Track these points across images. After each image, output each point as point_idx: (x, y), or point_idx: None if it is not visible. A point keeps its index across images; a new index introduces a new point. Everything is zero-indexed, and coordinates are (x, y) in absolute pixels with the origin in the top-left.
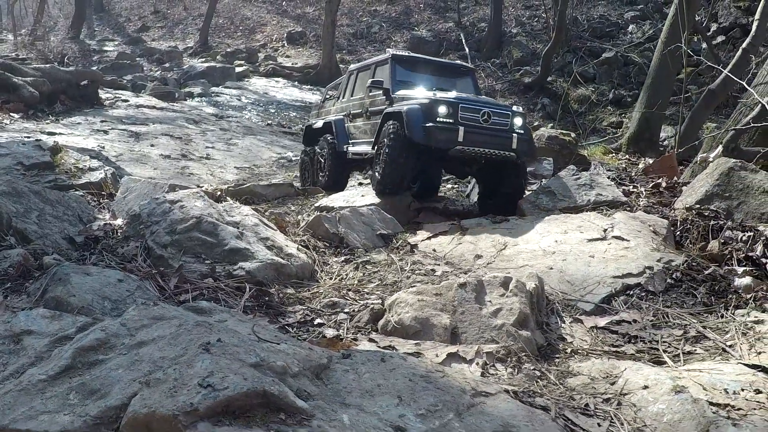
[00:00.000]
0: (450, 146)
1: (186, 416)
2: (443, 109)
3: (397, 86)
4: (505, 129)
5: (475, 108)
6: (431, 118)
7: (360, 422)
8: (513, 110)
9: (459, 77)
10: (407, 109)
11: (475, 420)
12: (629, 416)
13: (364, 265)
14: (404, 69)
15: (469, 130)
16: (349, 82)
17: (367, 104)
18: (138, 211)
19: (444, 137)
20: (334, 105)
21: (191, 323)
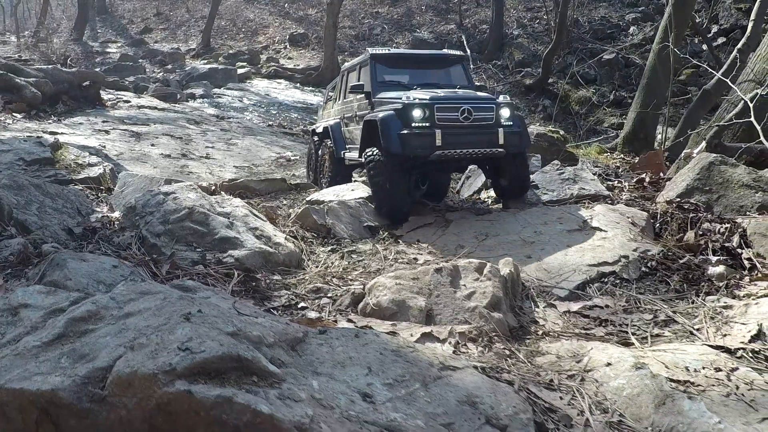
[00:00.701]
0: (428, 152)
1: (165, 375)
2: (417, 113)
3: (379, 88)
4: (490, 124)
5: (452, 106)
6: (407, 123)
7: (329, 388)
8: (498, 102)
9: (448, 67)
10: (382, 117)
11: (440, 390)
12: (591, 391)
13: (349, 254)
14: (386, 67)
15: (448, 132)
16: (343, 82)
17: (356, 108)
18: (134, 203)
19: (420, 143)
20: (332, 107)
21: (175, 297)
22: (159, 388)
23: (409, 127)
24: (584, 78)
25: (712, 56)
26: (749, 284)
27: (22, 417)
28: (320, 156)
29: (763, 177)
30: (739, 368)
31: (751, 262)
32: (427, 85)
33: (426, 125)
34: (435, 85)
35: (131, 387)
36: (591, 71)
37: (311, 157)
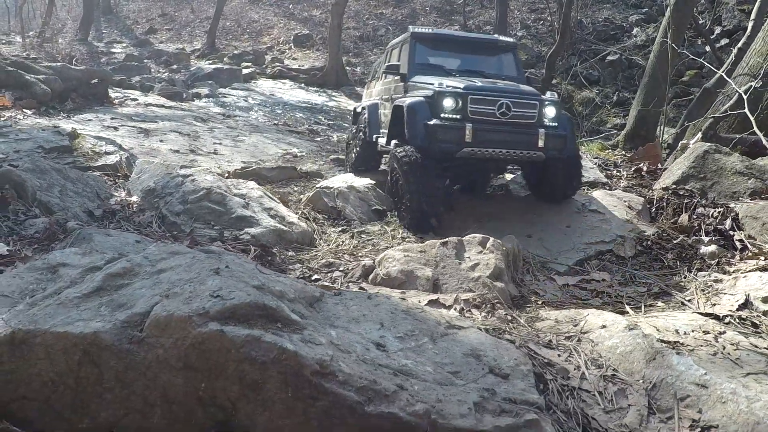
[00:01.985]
0: (455, 149)
1: (199, 317)
2: (449, 102)
3: (415, 71)
4: (531, 123)
5: (489, 98)
6: (436, 113)
7: (345, 337)
8: (542, 99)
9: (497, 55)
10: (409, 103)
11: (447, 344)
12: (587, 349)
13: (359, 234)
14: (427, 49)
15: (481, 127)
16: (384, 61)
17: (392, 90)
18: (153, 185)
19: (447, 137)
20: (374, 86)
21: (203, 256)
22: (194, 329)
23: (438, 117)
24: (588, 79)
25: (714, 57)
26: (740, 262)
27: (65, 359)
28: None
29: (755, 165)
30: (726, 332)
31: (743, 243)
32: (470, 72)
33: (456, 117)
34: (479, 74)
35: (168, 328)
36: (594, 72)
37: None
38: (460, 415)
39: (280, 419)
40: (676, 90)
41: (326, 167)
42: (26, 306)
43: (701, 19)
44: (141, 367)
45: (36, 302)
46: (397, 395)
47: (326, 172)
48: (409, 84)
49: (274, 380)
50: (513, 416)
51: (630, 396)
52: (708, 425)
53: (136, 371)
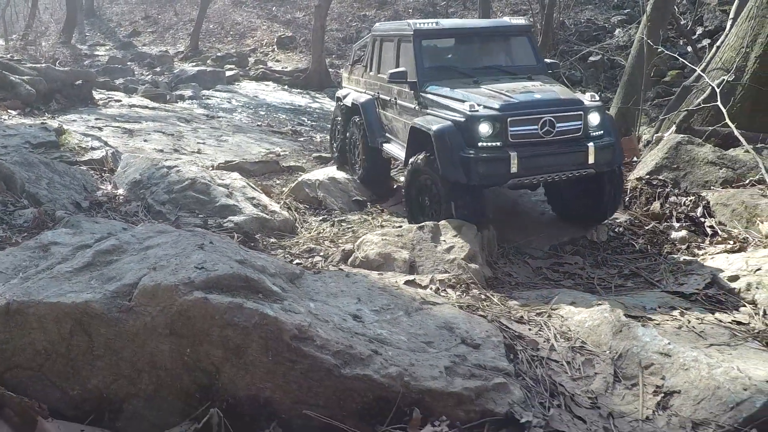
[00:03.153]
0: (501, 181)
1: (185, 286)
2: (485, 128)
3: (427, 78)
4: (578, 136)
5: (531, 116)
6: (471, 142)
7: (323, 309)
8: (585, 106)
9: (511, 41)
10: (437, 132)
11: (421, 318)
12: (557, 324)
13: (339, 222)
14: (434, 48)
15: (526, 153)
16: (374, 50)
17: (395, 92)
18: (139, 177)
19: (490, 170)
20: (362, 76)
21: (188, 234)
22: (179, 297)
23: (474, 147)
24: (570, 79)
25: (696, 57)
26: (709, 246)
27: (57, 328)
28: (349, 137)
29: (727, 155)
30: (692, 308)
31: (713, 229)
32: (489, 70)
33: (497, 145)
34: (498, 70)
35: (155, 297)
36: (576, 73)
37: (336, 129)
38: (431, 378)
39: (262, 382)
40: (658, 90)
41: (309, 165)
42: (20, 280)
43: (683, 19)
44: (129, 334)
45: (29, 277)
46: (371, 359)
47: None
48: (426, 98)
49: (256, 345)
50: (482, 380)
51: (597, 365)
52: (671, 390)
53: (125, 339)
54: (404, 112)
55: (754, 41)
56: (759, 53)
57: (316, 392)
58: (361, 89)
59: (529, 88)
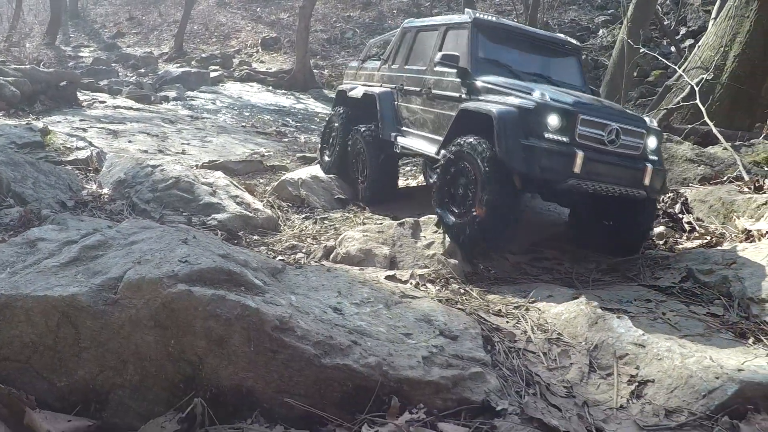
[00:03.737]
0: (560, 179)
1: (169, 279)
2: (554, 120)
3: (480, 68)
4: (637, 155)
5: (600, 120)
6: (536, 131)
7: (304, 302)
8: (648, 126)
9: (560, 58)
10: (499, 113)
11: (400, 310)
12: (534, 316)
13: (322, 220)
14: (489, 42)
15: (591, 157)
16: (404, 43)
17: (431, 82)
18: (123, 176)
19: (553, 165)
20: (378, 70)
21: (172, 230)
22: (164, 290)
23: (539, 137)
24: None
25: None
26: (686, 241)
27: (45, 321)
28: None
29: (705, 152)
30: (668, 301)
31: (691, 225)
32: (540, 78)
33: (563, 140)
34: (548, 81)
35: (140, 290)
36: None
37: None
38: (409, 367)
39: (244, 372)
40: (642, 90)
41: (293, 165)
42: (8, 275)
43: (667, 20)
44: (115, 326)
45: (17, 272)
46: (351, 349)
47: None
48: (478, 86)
49: (238, 335)
50: (459, 369)
51: (573, 356)
52: (645, 379)
53: (111, 330)
54: (443, 102)
55: (733, 40)
56: (737, 52)
57: (297, 381)
58: (375, 83)
59: (594, 98)
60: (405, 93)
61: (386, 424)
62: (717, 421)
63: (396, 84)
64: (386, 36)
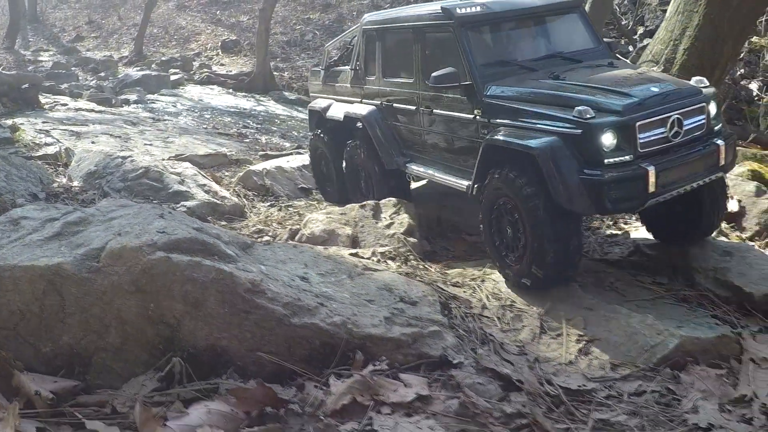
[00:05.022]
0: (637, 205)
1: (148, 247)
2: (609, 139)
3: (485, 76)
4: (702, 134)
5: (658, 116)
6: (592, 159)
7: (273, 271)
8: (704, 93)
9: (562, 21)
10: (542, 148)
11: (363, 281)
12: (490, 287)
13: (286, 207)
14: (483, 39)
15: (662, 166)
16: (370, 48)
17: (427, 98)
18: (94, 168)
19: (625, 195)
20: (350, 83)
21: (149, 207)
22: (144, 257)
23: (597, 164)
24: None
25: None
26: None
27: (31, 289)
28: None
29: None
30: (616, 272)
31: None
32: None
33: (626, 159)
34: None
35: (121, 258)
36: None
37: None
38: (372, 325)
39: (219, 332)
40: None
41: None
42: None
43: (624, 19)
44: (98, 292)
45: (2, 246)
46: (318, 310)
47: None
48: (494, 104)
49: (213, 298)
50: (418, 328)
51: (525, 320)
52: (593, 338)
53: (94, 297)
54: (453, 124)
55: (683, 34)
56: (687, 45)
57: (269, 340)
58: (351, 97)
59: (634, 77)
60: (396, 111)
61: (351, 376)
62: (659, 372)
63: (380, 100)
64: (344, 36)
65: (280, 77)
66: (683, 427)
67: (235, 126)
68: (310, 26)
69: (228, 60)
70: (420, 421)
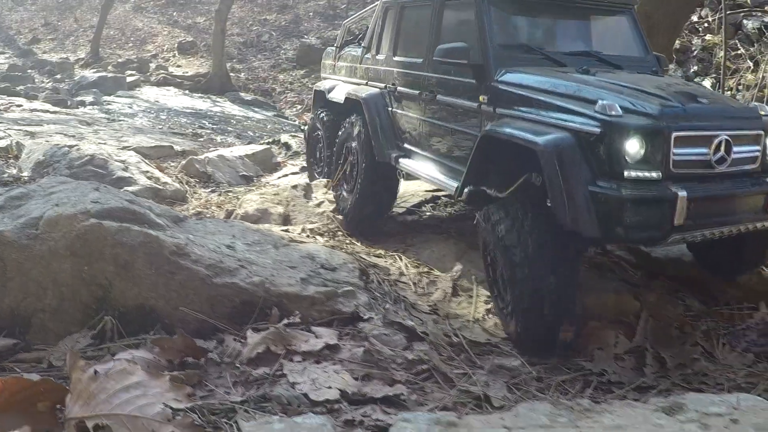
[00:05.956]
0: (656, 239)
1: (82, 215)
2: (636, 147)
3: (501, 59)
4: (754, 169)
5: (702, 133)
6: (609, 168)
7: (200, 240)
8: (764, 120)
9: (607, 19)
10: (547, 145)
11: (287, 250)
12: (412, 256)
13: (226, 193)
14: (508, 17)
15: (697, 194)
16: (387, 24)
17: (432, 81)
18: (42, 158)
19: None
20: (361, 62)
21: (86, 183)
22: (78, 223)
23: (615, 176)
24: None
25: None
26: None
27: None
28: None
29: None
30: None
31: None
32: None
33: (652, 176)
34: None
35: (58, 225)
36: None
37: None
38: (288, 285)
39: (147, 292)
40: None
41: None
42: None
43: None
44: (36, 257)
45: None
46: (238, 271)
47: None
48: (505, 90)
49: (141, 260)
50: (333, 287)
51: (439, 284)
52: None
53: (33, 261)
54: (455, 112)
55: None
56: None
57: (193, 299)
58: (358, 79)
59: (679, 84)
60: (399, 96)
61: (267, 329)
62: None
63: (385, 83)
64: (364, 12)
65: (237, 78)
66: (578, 373)
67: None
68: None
69: (185, 61)
70: (327, 367)
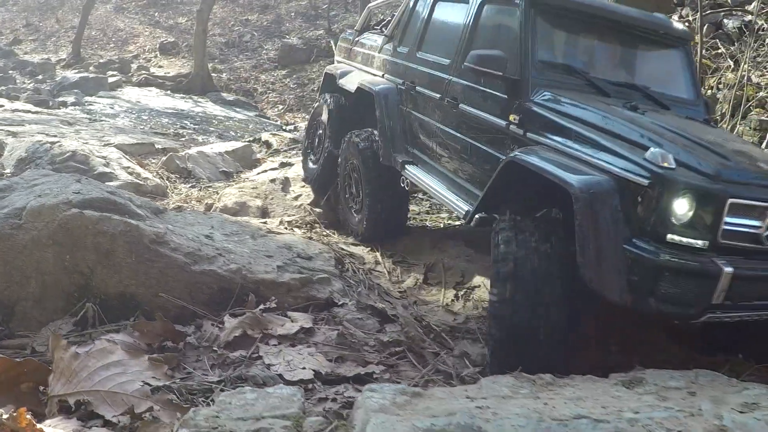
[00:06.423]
0: (689, 316)
1: (64, 205)
2: (683, 207)
3: (541, 77)
4: None
5: (759, 199)
6: (651, 227)
7: (180, 230)
8: None
9: (660, 53)
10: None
11: (264, 241)
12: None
13: (206, 188)
14: (554, 32)
15: (744, 272)
16: (415, 15)
17: (457, 89)
18: (24, 154)
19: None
20: (380, 51)
21: (68, 175)
22: (60, 213)
23: (656, 237)
24: None
25: None
26: None
27: None
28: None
29: None
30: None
31: None
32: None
33: (697, 244)
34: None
35: (40, 215)
36: None
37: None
38: (265, 272)
39: (128, 279)
40: None
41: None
42: None
43: None
44: (20, 247)
45: None
46: (216, 259)
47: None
48: (538, 112)
49: (122, 248)
50: (308, 275)
51: (412, 273)
52: (472, 286)
53: (16, 251)
54: (478, 128)
55: None
56: None
57: (172, 286)
58: (374, 70)
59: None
60: (417, 96)
61: (244, 314)
62: None
63: (404, 79)
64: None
65: (219, 78)
66: None
67: (173, 126)
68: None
69: (166, 62)
70: (302, 349)
